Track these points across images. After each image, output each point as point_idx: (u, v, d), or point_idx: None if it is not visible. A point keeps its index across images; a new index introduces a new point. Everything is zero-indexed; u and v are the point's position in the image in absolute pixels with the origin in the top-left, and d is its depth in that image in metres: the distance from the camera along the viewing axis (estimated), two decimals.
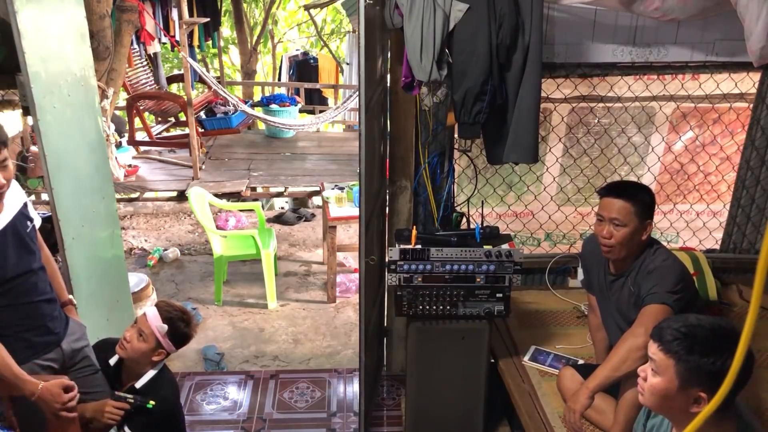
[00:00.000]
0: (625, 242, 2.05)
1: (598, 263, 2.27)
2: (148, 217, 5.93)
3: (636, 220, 2.03)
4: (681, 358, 1.36)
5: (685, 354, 1.35)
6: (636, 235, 2.05)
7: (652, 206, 2.07)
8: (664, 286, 1.96)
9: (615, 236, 2.05)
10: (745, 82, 2.99)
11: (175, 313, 2.06)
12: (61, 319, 2.04)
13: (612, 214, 2.05)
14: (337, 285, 4.24)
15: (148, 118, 7.03)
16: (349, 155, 6.72)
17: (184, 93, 6.19)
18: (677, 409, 1.40)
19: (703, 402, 1.36)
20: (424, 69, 2.23)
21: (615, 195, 2.07)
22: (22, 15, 2.18)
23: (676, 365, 1.36)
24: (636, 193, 2.06)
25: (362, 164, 2.22)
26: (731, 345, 1.31)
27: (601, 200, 2.11)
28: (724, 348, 1.32)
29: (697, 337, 1.36)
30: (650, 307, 1.95)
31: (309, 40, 14.06)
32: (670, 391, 1.38)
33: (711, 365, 1.32)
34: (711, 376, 1.33)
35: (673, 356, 1.37)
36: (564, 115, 3.12)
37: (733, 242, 3.21)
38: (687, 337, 1.36)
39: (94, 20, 4.17)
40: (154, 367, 2.05)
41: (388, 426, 2.94)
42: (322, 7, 10.29)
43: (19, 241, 1.87)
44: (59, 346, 2.01)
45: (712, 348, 1.33)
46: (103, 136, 2.96)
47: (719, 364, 1.32)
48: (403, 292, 2.33)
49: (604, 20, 2.68)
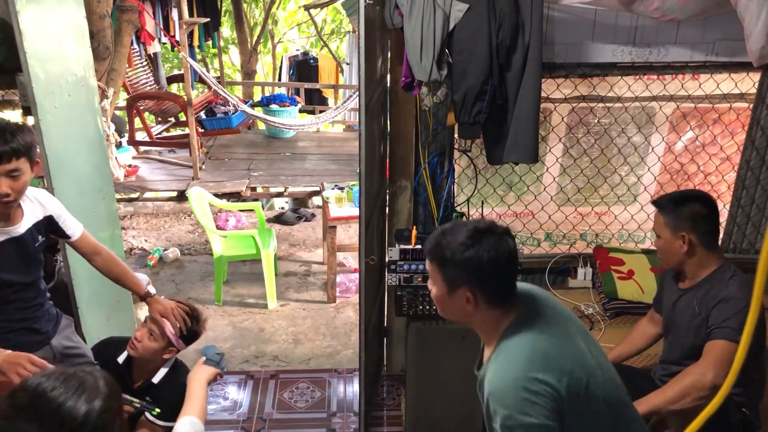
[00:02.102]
0: (663, 253, 2.02)
1: (670, 279, 2.17)
2: (148, 217, 5.93)
3: (667, 231, 1.97)
4: (439, 262, 1.44)
5: (440, 258, 1.43)
6: (671, 247, 1.97)
7: (693, 218, 1.95)
8: (737, 321, 1.82)
9: (658, 247, 2.05)
10: (745, 82, 2.99)
11: (185, 310, 2.06)
12: (51, 317, 2.06)
13: (654, 225, 2.06)
14: (337, 285, 4.25)
15: (148, 118, 7.03)
16: (349, 155, 6.72)
17: (184, 93, 6.19)
18: (462, 314, 1.47)
19: (471, 301, 1.42)
20: (424, 69, 2.23)
21: (655, 205, 2.05)
22: (23, 15, 2.18)
23: (440, 270, 1.44)
24: (670, 205, 1.99)
25: (362, 164, 2.22)
26: (483, 237, 1.40)
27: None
28: (475, 240, 1.40)
29: (449, 239, 1.43)
30: (722, 343, 1.81)
31: (309, 40, 14.06)
32: (445, 296, 1.46)
33: (463, 256, 1.39)
34: (469, 270, 1.40)
35: (433, 262, 1.46)
36: (564, 115, 3.12)
37: (733, 242, 3.21)
38: (441, 242, 1.44)
39: (94, 20, 4.17)
40: (165, 365, 2.05)
41: (388, 426, 2.94)
42: (322, 7, 10.30)
43: (21, 255, 1.88)
44: (48, 344, 2.02)
45: (464, 242, 1.40)
46: (103, 136, 2.97)
47: (472, 253, 1.38)
48: (403, 292, 2.33)
49: (604, 20, 2.68)
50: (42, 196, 1.99)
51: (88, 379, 1.04)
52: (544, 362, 1.38)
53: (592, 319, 2.83)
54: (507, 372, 1.38)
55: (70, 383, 1.01)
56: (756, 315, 0.71)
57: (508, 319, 1.46)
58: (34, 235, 1.92)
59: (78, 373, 1.05)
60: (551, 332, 1.45)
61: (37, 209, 1.95)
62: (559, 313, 1.54)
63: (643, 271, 2.87)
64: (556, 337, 1.44)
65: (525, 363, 1.38)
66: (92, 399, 1.02)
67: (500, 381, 1.38)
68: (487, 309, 1.45)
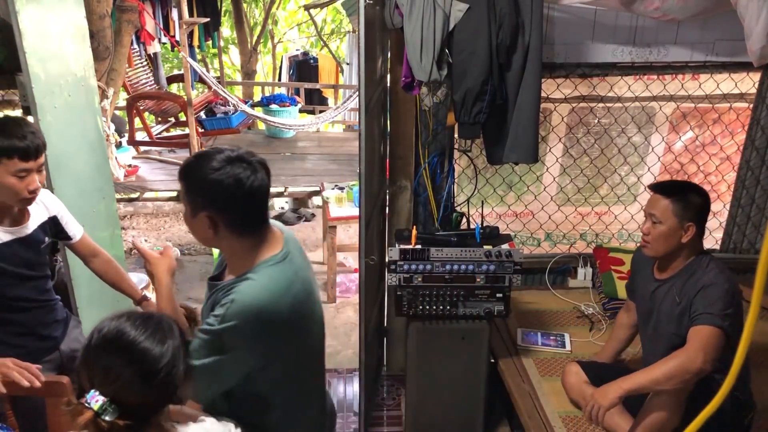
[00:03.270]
0: (661, 240, 2.00)
1: (644, 267, 2.20)
2: (148, 217, 5.93)
3: (674, 219, 1.97)
4: (185, 182, 1.45)
5: (186, 179, 1.44)
6: (673, 235, 1.98)
7: (698, 209, 1.98)
8: (719, 307, 1.86)
9: (652, 233, 2.02)
10: (745, 82, 2.99)
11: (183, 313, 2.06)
12: (59, 319, 2.05)
13: (652, 209, 2.02)
14: (337, 285, 4.24)
15: (148, 118, 7.02)
16: (349, 155, 6.72)
17: (184, 93, 6.19)
18: (204, 237, 1.47)
19: (211, 226, 1.42)
20: (424, 69, 2.23)
21: (659, 191, 2.03)
22: (23, 15, 2.18)
23: (185, 191, 1.45)
24: (680, 193, 2.00)
25: (362, 164, 2.22)
26: (231, 164, 1.38)
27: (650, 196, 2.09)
28: (223, 166, 1.39)
29: (201, 162, 1.42)
30: (706, 329, 1.85)
31: (309, 40, 14.05)
32: (189, 218, 1.46)
33: (207, 180, 1.39)
34: (209, 195, 1.40)
35: (181, 182, 1.45)
36: (564, 115, 3.12)
37: (733, 242, 3.22)
38: (192, 163, 1.45)
39: (94, 20, 4.17)
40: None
41: (388, 426, 2.94)
42: (322, 7, 10.29)
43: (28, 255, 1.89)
44: (57, 349, 2.01)
45: (212, 167, 1.39)
46: (103, 136, 2.96)
47: (215, 177, 1.38)
48: (403, 292, 2.33)
49: (604, 20, 2.68)
50: (45, 196, 1.98)
51: (163, 321, 1.20)
52: (290, 304, 1.46)
53: (592, 319, 2.83)
54: (257, 293, 1.40)
55: (149, 324, 1.17)
56: (756, 315, 0.71)
57: (262, 253, 1.47)
58: (40, 236, 1.92)
59: (154, 316, 1.20)
60: (305, 276, 1.56)
61: (41, 209, 1.95)
62: (311, 276, 1.64)
63: None
64: (304, 292, 1.53)
65: (271, 295, 1.42)
66: (166, 338, 1.17)
67: (247, 297, 1.40)
68: (231, 236, 1.44)
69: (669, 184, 2.11)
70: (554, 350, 2.61)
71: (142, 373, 1.13)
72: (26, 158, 1.73)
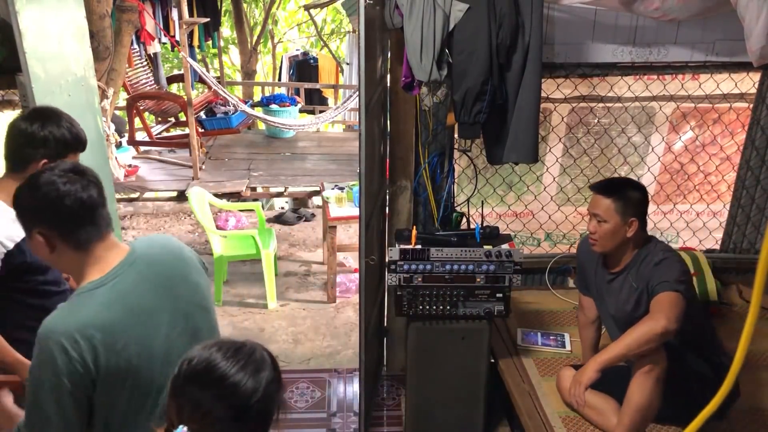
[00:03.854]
0: (607, 237, 2.11)
1: (593, 263, 2.29)
2: (148, 217, 5.93)
3: (617, 216, 2.07)
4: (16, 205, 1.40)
5: (16, 201, 1.39)
6: (618, 232, 2.09)
7: (638, 204, 2.10)
8: (673, 275, 2.00)
9: (598, 231, 2.12)
10: (745, 82, 2.99)
11: None
12: None
13: (595, 209, 2.13)
14: (337, 285, 4.24)
15: (148, 118, 7.03)
16: (349, 155, 6.72)
17: (184, 93, 6.19)
18: (45, 257, 1.41)
19: (46, 243, 1.36)
20: (424, 69, 2.23)
21: (599, 191, 2.13)
22: (23, 15, 2.18)
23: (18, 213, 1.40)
24: (619, 191, 2.10)
25: (362, 164, 2.22)
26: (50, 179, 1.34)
27: (592, 196, 2.18)
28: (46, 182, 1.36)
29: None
30: (665, 294, 1.97)
31: (309, 40, 14.06)
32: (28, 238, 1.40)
33: (32, 199, 1.35)
34: (35, 212, 1.36)
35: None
36: (564, 115, 3.12)
37: (733, 242, 3.22)
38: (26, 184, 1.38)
39: (94, 20, 4.17)
40: None
41: (388, 426, 2.94)
42: (322, 7, 10.30)
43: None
44: None
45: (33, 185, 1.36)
46: (103, 136, 2.96)
47: (39, 195, 1.34)
48: (403, 292, 2.33)
49: (604, 20, 2.68)
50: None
51: (255, 351, 1.11)
52: (99, 330, 1.29)
53: None
54: (60, 319, 1.31)
55: (240, 355, 1.09)
56: (756, 315, 0.71)
57: (88, 275, 1.38)
58: None
59: (246, 345, 1.12)
60: (132, 304, 1.37)
61: None
62: (168, 291, 1.46)
63: None
64: (137, 314, 1.36)
65: (77, 320, 1.30)
66: (260, 370, 1.09)
67: (49, 323, 1.31)
68: (66, 254, 1.37)
69: (608, 184, 2.20)
70: (554, 350, 2.62)
71: (232, 409, 1.06)
72: (81, 151, 1.77)
